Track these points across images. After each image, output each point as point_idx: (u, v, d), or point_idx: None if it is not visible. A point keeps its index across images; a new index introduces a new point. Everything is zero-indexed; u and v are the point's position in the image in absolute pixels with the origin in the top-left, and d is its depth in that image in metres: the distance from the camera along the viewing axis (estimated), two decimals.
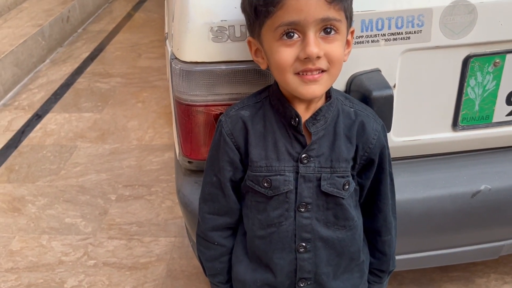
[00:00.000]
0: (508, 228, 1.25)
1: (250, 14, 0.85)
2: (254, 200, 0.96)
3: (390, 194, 1.00)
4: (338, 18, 0.80)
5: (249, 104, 0.93)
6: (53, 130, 2.70)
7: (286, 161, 0.91)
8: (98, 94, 3.05)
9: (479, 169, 1.19)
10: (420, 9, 1.01)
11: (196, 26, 0.99)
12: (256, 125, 0.91)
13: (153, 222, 2.04)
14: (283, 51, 0.81)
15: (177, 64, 1.03)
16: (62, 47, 3.75)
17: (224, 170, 0.95)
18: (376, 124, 0.94)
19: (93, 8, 4.32)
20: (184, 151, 1.14)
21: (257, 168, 0.91)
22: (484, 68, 1.09)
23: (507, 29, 1.05)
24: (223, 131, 0.93)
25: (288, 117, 0.90)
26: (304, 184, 0.92)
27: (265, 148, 0.91)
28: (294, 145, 0.91)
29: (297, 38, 0.81)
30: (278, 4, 0.78)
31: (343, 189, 0.92)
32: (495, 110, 1.15)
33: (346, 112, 0.93)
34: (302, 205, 0.93)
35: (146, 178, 2.29)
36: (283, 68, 0.82)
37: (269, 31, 0.82)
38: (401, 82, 1.09)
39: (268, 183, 0.91)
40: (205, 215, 1.01)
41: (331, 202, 0.93)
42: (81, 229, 2.02)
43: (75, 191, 2.24)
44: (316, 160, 0.91)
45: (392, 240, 1.04)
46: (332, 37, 0.81)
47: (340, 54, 0.83)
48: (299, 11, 0.78)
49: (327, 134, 0.91)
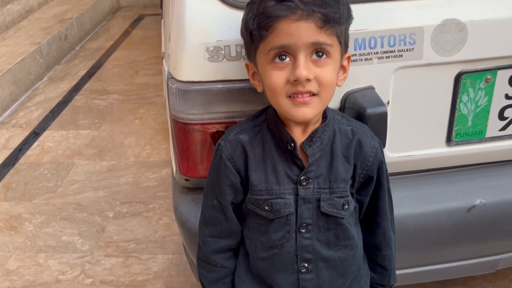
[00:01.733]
0: (505, 242, 1.25)
1: (247, 38, 0.87)
2: (256, 222, 0.96)
3: (388, 209, 1.01)
4: (329, 43, 0.82)
5: (247, 128, 0.95)
6: (51, 148, 2.70)
7: (286, 184, 0.92)
8: (95, 111, 3.06)
9: (474, 184, 1.20)
10: (411, 28, 1.03)
11: (192, 46, 1.00)
12: (255, 149, 0.93)
13: (150, 239, 2.04)
14: (274, 74, 0.83)
15: (173, 84, 1.04)
16: (60, 64, 3.78)
17: (226, 194, 0.96)
18: (373, 141, 0.95)
19: (90, 26, 4.36)
20: (181, 169, 1.14)
21: (258, 191, 0.92)
22: (476, 84, 1.11)
23: (497, 46, 1.07)
24: (223, 156, 0.94)
25: (284, 142, 0.91)
26: (304, 206, 0.92)
27: (264, 172, 0.92)
28: (293, 168, 0.92)
29: (288, 61, 0.82)
30: (270, 28, 0.81)
31: (343, 209, 0.93)
32: (488, 125, 1.17)
33: (343, 131, 0.94)
34: (303, 226, 0.94)
35: (144, 195, 2.29)
36: (275, 90, 0.84)
37: (262, 54, 0.85)
38: (395, 99, 1.10)
39: (269, 206, 0.92)
40: (207, 238, 1.01)
41: (332, 222, 0.94)
42: (78, 247, 2.01)
43: (72, 208, 2.23)
44: (315, 181, 0.92)
45: (392, 254, 1.04)
46: (323, 61, 0.83)
47: (331, 79, 0.84)
48: (290, 35, 0.80)
49: (324, 155, 0.92)
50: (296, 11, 0.79)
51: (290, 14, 0.79)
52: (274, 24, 0.80)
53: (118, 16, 4.86)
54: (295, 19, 0.79)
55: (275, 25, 0.80)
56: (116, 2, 5.01)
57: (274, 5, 0.80)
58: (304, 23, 0.79)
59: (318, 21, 0.80)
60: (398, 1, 1.03)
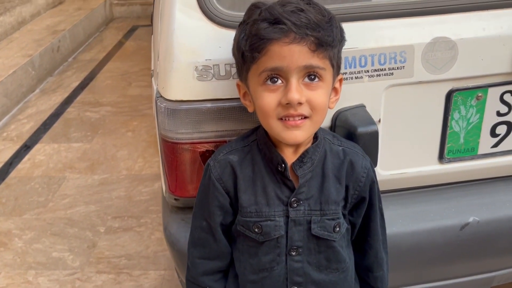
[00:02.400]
0: (498, 259, 1.24)
1: (238, 59, 0.87)
2: (246, 244, 0.95)
3: (380, 229, 1.00)
4: (321, 66, 0.81)
5: (237, 148, 0.93)
6: (42, 161, 2.67)
7: (276, 206, 0.90)
8: (87, 124, 3.04)
9: (467, 201, 1.19)
10: (402, 46, 1.03)
11: (181, 65, 0.99)
12: (245, 170, 0.91)
13: (142, 254, 2.01)
14: (266, 96, 0.82)
15: (162, 103, 1.03)
16: (52, 76, 3.76)
17: (215, 215, 0.94)
18: (365, 161, 0.94)
19: (83, 37, 4.35)
20: (170, 188, 1.13)
21: (247, 213, 0.91)
22: (467, 101, 1.11)
23: (488, 64, 1.06)
24: (212, 176, 0.92)
25: (275, 163, 0.90)
26: (295, 228, 0.91)
27: (254, 193, 0.91)
28: (283, 190, 0.90)
29: (280, 83, 0.82)
30: (263, 50, 0.80)
31: (334, 231, 0.92)
32: (480, 142, 1.16)
33: (335, 151, 0.93)
34: (293, 249, 0.92)
35: (136, 209, 2.27)
36: (266, 112, 0.83)
37: (254, 75, 0.84)
38: (386, 117, 1.10)
39: (259, 229, 0.91)
40: (195, 260, 0.99)
41: (323, 245, 0.93)
42: (68, 263, 1.98)
43: (63, 223, 2.20)
44: (305, 203, 0.91)
45: (384, 275, 1.03)
46: (315, 84, 0.82)
47: (323, 102, 0.83)
48: (282, 57, 0.79)
49: (315, 176, 0.91)
50: (289, 34, 0.78)
51: (283, 37, 0.78)
52: (266, 46, 0.80)
53: (111, 27, 4.86)
54: (288, 42, 0.78)
55: (268, 47, 0.79)
56: (110, 13, 5.01)
57: (267, 27, 0.79)
58: (297, 46, 0.79)
59: (311, 45, 0.79)
60: (388, 19, 1.03)
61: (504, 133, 1.16)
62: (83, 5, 4.69)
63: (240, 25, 0.87)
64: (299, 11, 0.80)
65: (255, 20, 0.81)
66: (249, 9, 0.86)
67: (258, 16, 0.81)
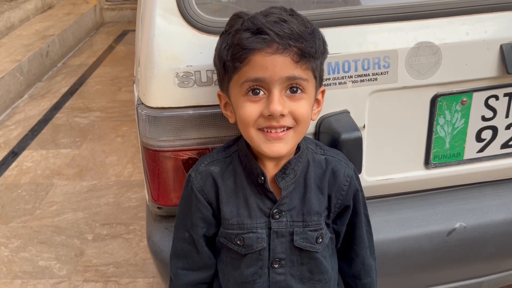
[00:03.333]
0: (486, 264, 1.23)
1: (220, 69, 0.85)
2: (229, 256, 0.94)
3: (366, 236, 0.99)
4: (304, 78, 0.80)
5: (218, 159, 0.92)
6: (29, 168, 2.64)
7: (258, 218, 0.89)
8: (76, 129, 3.01)
9: (453, 207, 1.19)
10: (385, 51, 1.02)
11: (161, 72, 0.98)
12: (226, 181, 0.90)
13: (131, 262, 1.98)
14: (247, 106, 0.81)
15: (143, 110, 1.01)
16: (41, 82, 3.73)
17: (197, 227, 0.93)
18: (348, 169, 0.93)
19: (73, 42, 4.32)
20: (153, 197, 1.11)
21: (229, 225, 0.90)
22: (452, 106, 1.10)
23: (472, 68, 1.06)
24: (194, 188, 0.91)
25: (255, 175, 0.88)
26: (277, 240, 0.90)
27: (236, 205, 0.89)
28: (265, 201, 0.89)
29: (262, 95, 0.80)
30: (245, 60, 0.79)
31: (317, 242, 0.90)
32: (466, 147, 1.15)
33: (317, 161, 0.92)
34: (276, 261, 0.91)
35: (125, 216, 2.24)
36: (247, 123, 0.82)
37: (236, 86, 0.82)
38: (371, 123, 1.08)
39: (241, 241, 0.90)
40: (178, 271, 0.98)
41: (305, 257, 0.92)
42: (55, 272, 1.95)
43: (50, 231, 2.17)
44: (288, 214, 0.89)
45: (372, 282, 1.02)
46: (298, 96, 0.81)
47: (306, 113, 0.82)
48: (265, 68, 0.78)
49: (298, 187, 0.90)
50: (272, 44, 0.77)
51: (265, 47, 0.77)
52: (249, 56, 0.78)
53: (101, 32, 4.83)
54: (271, 52, 0.77)
55: (250, 57, 0.78)
56: (100, 17, 4.99)
57: (250, 37, 0.78)
58: (280, 56, 0.77)
59: (294, 56, 0.78)
60: (372, 24, 1.02)
61: (490, 138, 1.15)
62: (73, 10, 4.66)
63: (221, 35, 0.86)
64: (282, 21, 0.78)
65: (237, 29, 0.80)
66: (231, 19, 0.84)
67: (240, 26, 0.80)
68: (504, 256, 1.22)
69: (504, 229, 1.17)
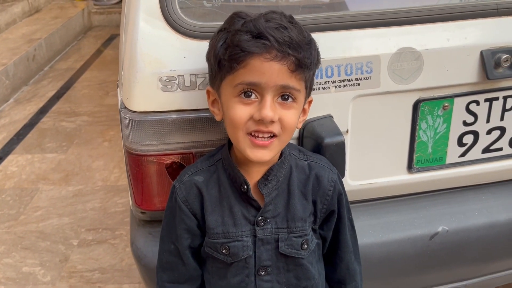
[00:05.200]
0: (469, 268, 1.25)
1: (214, 66, 0.84)
2: (215, 266, 0.93)
3: (351, 240, 0.99)
4: (297, 88, 0.81)
5: (202, 169, 0.92)
6: (14, 173, 2.61)
7: (243, 226, 0.89)
8: (63, 134, 2.98)
9: (436, 210, 1.20)
10: (368, 56, 1.03)
11: (144, 76, 0.97)
12: (211, 190, 0.90)
13: (116, 267, 1.96)
14: (239, 108, 0.81)
15: (126, 114, 1.01)
16: (27, 86, 3.69)
17: (182, 238, 0.92)
18: (331, 174, 0.93)
19: (60, 46, 4.29)
20: (136, 201, 1.10)
21: (214, 235, 0.89)
22: (434, 111, 1.11)
23: (453, 74, 1.07)
24: (178, 199, 0.91)
25: (238, 183, 0.88)
26: (263, 247, 0.90)
27: (221, 214, 0.89)
28: (249, 209, 0.89)
29: (254, 98, 0.81)
30: (242, 62, 0.79)
31: (302, 248, 0.91)
32: (448, 152, 1.17)
33: (300, 166, 0.92)
34: (262, 269, 0.91)
35: (111, 221, 2.22)
36: (236, 124, 0.82)
37: (229, 86, 0.82)
38: (354, 127, 1.09)
39: (226, 250, 0.89)
40: (165, 284, 0.97)
41: (291, 263, 0.91)
42: (39, 278, 1.93)
43: (35, 237, 2.14)
44: (272, 221, 0.89)
45: (357, 286, 1.02)
46: (288, 104, 0.82)
47: (294, 122, 0.83)
48: (262, 73, 0.78)
49: (281, 193, 0.90)
50: (271, 51, 0.77)
51: (264, 52, 0.77)
52: (246, 59, 0.78)
53: (89, 36, 4.80)
54: (269, 59, 0.78)
55: (248, 60, 0.78)
56: (88, 21, 4.96)
57: (250, 40, 0.78)
58: (277, 64, 0.78)
59: (291, 65, 0.79)
60: (354, 30, 1.03)
61: (471, 143, 1.17)
62: (60, 13, 4.63)
63: (219, 32, 0.85)
64: (282, 28, 0.78)
65: (237, 30, 0.80)
66: (230, 17, 0.84)
67: (241, 27, 0.80)
68: (486, 260, 1.24)
69: (485, 233, 1.18)
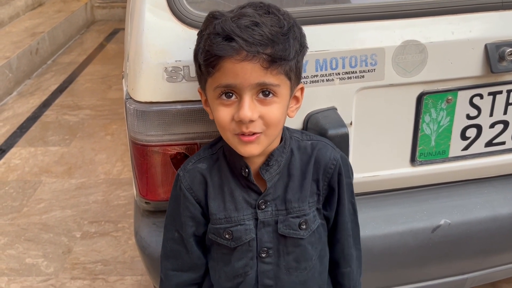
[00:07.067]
0: (470, 261, 1.25)
1: (197, 69, 0.86)
2: (220, 252, 0.94)
3: (350, 225, 0.98)
4: (275, 83, 0.81)
5: (205, 156, 0.93)
6: (17, 165, 2.62)
7: (245, 210, 0.90)
8: (66, 127, 2.99)
9: (438, 203, 1.20)
10: (372, 49, 1.03)
11: (150, 67, 0.98)
12: (214, 177, 0.91)
13: (119, 260, 1.98)
14: (221, 110, 0.83)
15: (131, 104, 1.01)
16: (30, 79, 3.70)
17: (186, 226, 0.93)
18: (334, 152, 0.93)
19: (63, 40, 4.29)
20: (141, 192, 1.11)
21: (217, 220, 0.91)
22: (437, 104, 1.12)
23: (457, 67, 1.08)
24: (182, 186, 0.92)
25: (238, 168, 0.90)
26: (264, 229, 0.91)
27: (223, 200, 0.90)
28: (250, 193, 0.91)
29: (234, 98, 0.82)
30: (216, 66, 0.80)
31: (300, 228, 0.91)
32: (451, 145, 1.17)
33: (303, 147, 0.93)
34: (263, 251, 0.92)
35: (113, 214, 2.23)
36: (222, 126, 0.84)
37: (210, 88, 0.84)
38: (358, 120, 1.10)
39: (229, 235, 0.90)
40: (168, 272, 0.98)
41: (290, 245, 0.92)
42: (42, 269, 1.94)
43: (38, 229, 2.15)
44: (272, 203, 0.91)
45: (351, 272, 1.01)
46: (269, 100, 0.82)
47: (276, 117, 0.83)
48: (235, 75, 0.79)
49: (282, 177, 0.91)
50: (241, 52, 0.77)
51: (234, 54, 0.78)
52: (220, 63, 0.79)
53: (92, 30, 4.81)
54: (240, 59, 0.78)
55: (221, 64, 0.79)
56: (91, 15, 4.96)
57: (220, 43, 0.78)
58: (249, 64, 0.78)
59: (264, 62, 0.78)
60: (359, 22, 1.03)
61: (474, 136, 1.17)
62: (63, 7, 4.63)
63: (198, 34, 0.86)
64: (253, 25, 0.78)
65: (209, 33, 0.80)
66: (206, 19, 0.84)
67: (212, 30, 0.80)
68: (488, 253, 1.24)
69: (487, 226, 1.19)
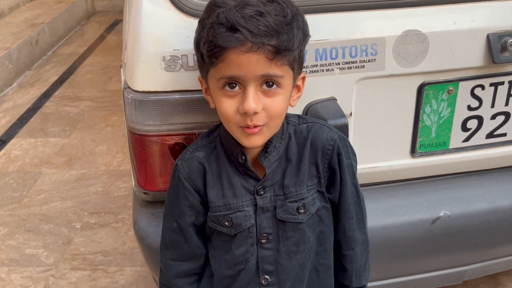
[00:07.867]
0: (469, 253, 1.25)
1: (199, 58, 0.85)
2: (220, 240, 0.94)
3: (353, 207, 0.96)
4: (279, 75, 0.80)
5: (203, 145, 0.93)
6: (17, 156, 2.61)
7: (243, 196, 0.90)
8: (66, 118, 2.98)
9: (438, 195, 1.19)
10: (373, 38, 1.02)
11: (148, 56, 0.97)
12: (212, 165, 0.91)
13: (119, 251, 1.98)
14: (225, 102, 0.82)
15: (129, 94, 1.01)
16: (30, 70, 3.69)
17: (185, 215, 0.93)
18: (331, 133, 0.92)
19: (64, 31, 4.27)
20: (139, 182, 1.11)
21: (216, 208, 0.90)
22: (438, 95, 1.11)
23: (459, 57, 1.06)
24: (181, 176, 0.91)
25: (235, 155, 0.89)
26: (263, 215, 0.91)
27: (221, 187, 0.90)
28: (248, 180, 0.90)
29: (238, 90, 0.81)
30: (220, 57, 0.78)
31: (298, 213, 0.91)
32: (451, 136, 1.16)
33: (299, 131, 0.92)
34: (263, 236, 0.92)
35: (113, 205, 2.23)
36: (226, 118, 0.83)
37: (213, 79, 0.83)
38: (358, 110, 1.09)
39: (229, 222, 0.90)
40: (168, 261, 0.98)
41: (289, 229, 0.92)
42: (42, 260, 1.94)
43: (38, 219, 2.16)
44: (271, 189, 0.91)
45: (354, 255, 0.99)
46: (273, 91, 0.81)
47: (280, 109, 0.83)
48: (240, 66, 0.78)
49: (280, 163, 0.91)
50: (246, 43, 0.76)
51: (239, 46, 0.77)
52: (224, 54, 0.78)
53: (92, 21, 4.78)
54: (245, 51, 0.77)
55: (225, 55, 0.78)
56: (91, 7, 4.93)
57: (225, 33, 0.77)
58: (254, 55, 0.77)
59: (269, 53, 0.77)
60: (359, 11, 1.02)
61: (475, 128, 1.16)
62: None
63: (199, 22, 0.84)
64: (258, 15, 0.76)
65: (212, 23, 0.79)
66: (208, 7, 0.83)
67: (215, 19, 0.78)
68: (487, 245, 1.24)
69: (487, 218, 1.19)
